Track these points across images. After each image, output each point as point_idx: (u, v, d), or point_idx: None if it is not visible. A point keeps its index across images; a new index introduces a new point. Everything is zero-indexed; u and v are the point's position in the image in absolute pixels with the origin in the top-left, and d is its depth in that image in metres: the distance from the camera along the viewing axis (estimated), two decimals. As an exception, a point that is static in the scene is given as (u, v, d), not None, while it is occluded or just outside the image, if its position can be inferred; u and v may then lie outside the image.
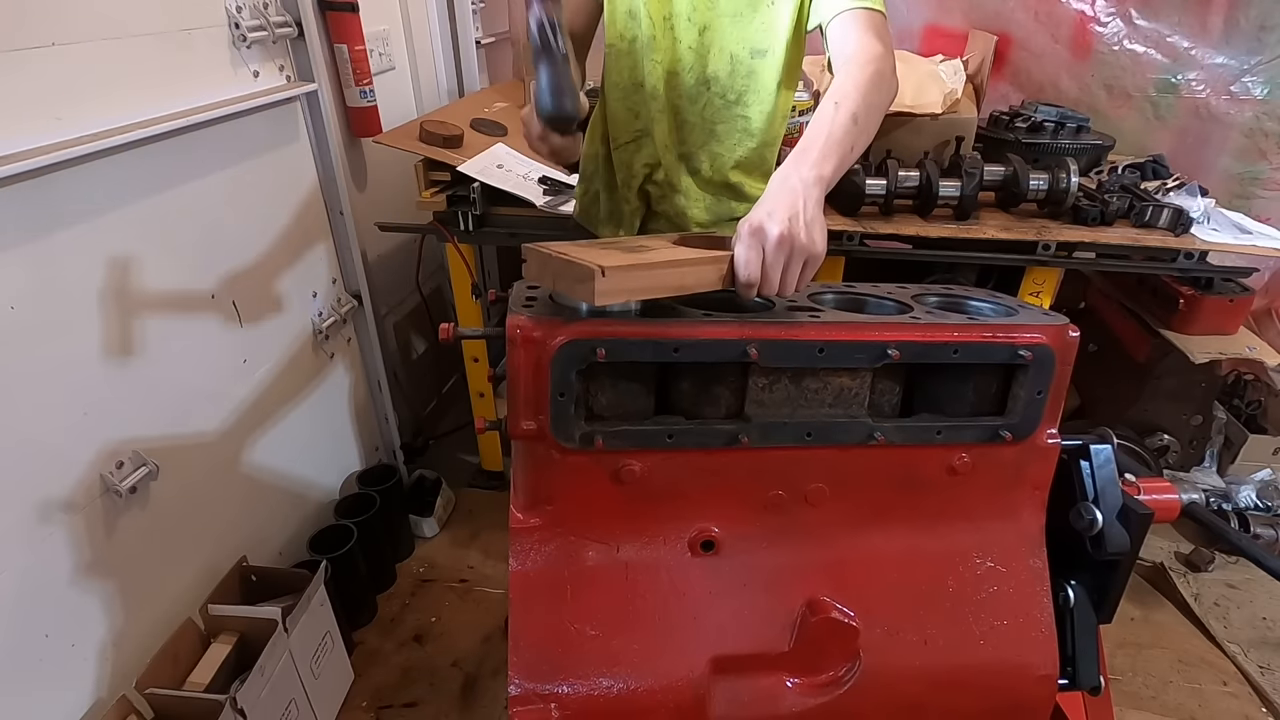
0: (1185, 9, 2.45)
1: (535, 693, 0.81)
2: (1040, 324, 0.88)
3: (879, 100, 1.04)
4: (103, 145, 1.29)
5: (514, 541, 0.85)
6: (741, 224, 0.86)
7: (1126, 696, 1.90)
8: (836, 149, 0.94)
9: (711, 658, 0.86)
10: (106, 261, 1.37)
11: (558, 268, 0.80)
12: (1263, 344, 2.15)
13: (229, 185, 1.67)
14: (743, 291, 0.85)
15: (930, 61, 2.34)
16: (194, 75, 1.54)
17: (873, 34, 1.10)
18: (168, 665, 1.46)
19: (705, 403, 0.86)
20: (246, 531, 1.81)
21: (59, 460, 1.31)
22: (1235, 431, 2.53)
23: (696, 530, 0.88)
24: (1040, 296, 2.07)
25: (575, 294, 0.77)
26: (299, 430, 1.99)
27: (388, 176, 2.35)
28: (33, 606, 1.28)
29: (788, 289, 0.86)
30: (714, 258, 0.85)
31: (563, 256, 0.79)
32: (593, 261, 0.75)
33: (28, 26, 1.19)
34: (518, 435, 0.82)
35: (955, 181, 1.95)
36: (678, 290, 0.82)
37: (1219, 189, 2.45)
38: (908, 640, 0.90)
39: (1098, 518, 0.90)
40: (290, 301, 1.91)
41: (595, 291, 0.74)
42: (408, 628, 2.04)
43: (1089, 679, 0.95)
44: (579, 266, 0.75)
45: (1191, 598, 2.18)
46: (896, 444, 0.87)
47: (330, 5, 1.91)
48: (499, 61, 3.07)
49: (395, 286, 2.51)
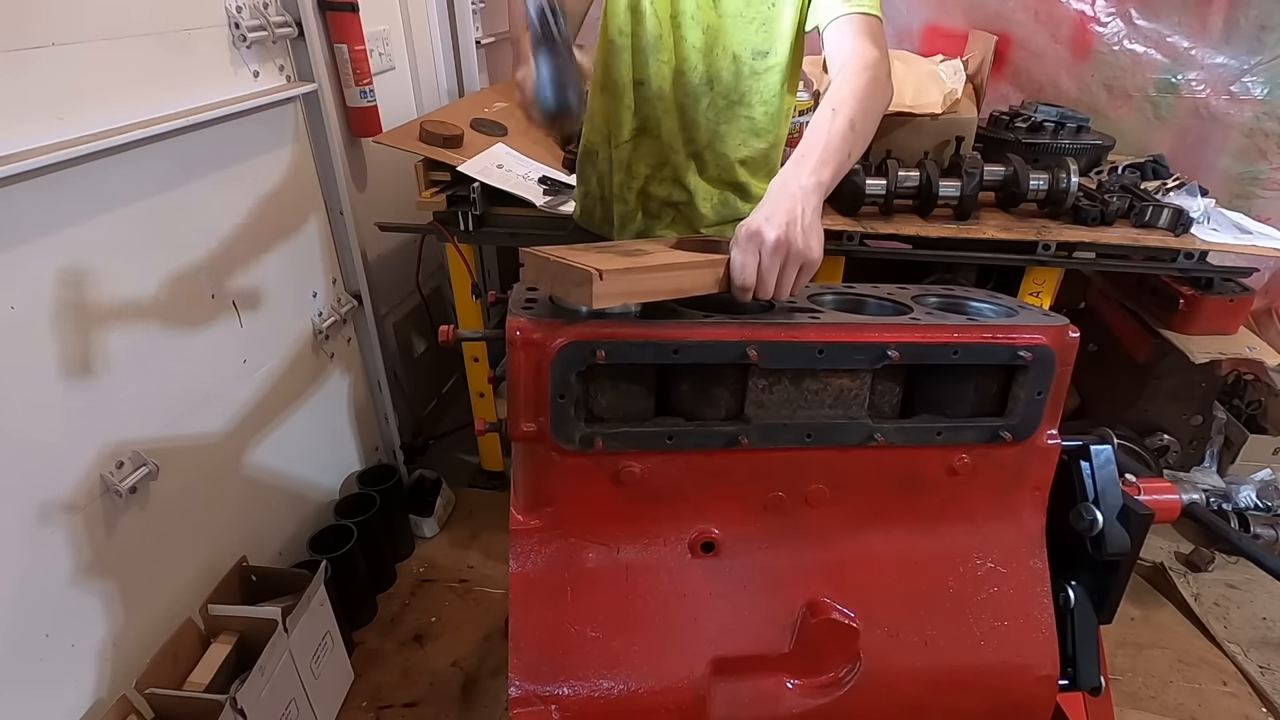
0: (1185, 9, 2.45)
1: (536, 694, 0.81)
2: (1040, 324, 0.88)
3: (875, 106, 1.05)
4: (103, 145, 1.29)
5: (514, 543, 0.85)
6: (739, 228, 0.87)
7: (1126, 696, 1.90)
8: (834, 155, 0.95)
9: (712, 659, 0.86)
10: (107, 261, 1.37)
11: (555, 271, 0.81)
12: (1263, 344, 2.15)
13: (229, 185, 1.67)
14: (738, 295, 0.86)
15: (930, 61, 2.34)
16: (194, 75, 1.54)
17: (869, 39, 1.12)
18: (168, 665, 1.46)
19: (705, 404, 0.86)
20: (246, 531, 1.81)
21: (59, 460, 1.31)
22: (1235, 431, 2.53)
23: (697, 532, 0.88)
24: (1040, 296, 2.07)
25: (573, 297, 0.78)
26: (299, 430, 1.99)
27: (387, 176, 2.35)
28: (33, 606, 1.28)
29: (783, 293, 0.86)
30: (710, 261, 0.86)
31: (560, 260, 0.80)
32: (590, 265, 0.75)
33: (28, 26, 1.19)
34: (518, 437, 0.82)
35: (955, 181, 1.95)
36: (674, 293, 0.83)
37: (1219, 189, 2.45)
38: (908, 641, 0.90)
39: (1098, 518, 0.90)
40: (290, 301, 1.91)
41: (593, 295, 0.75)
42: (408, 628, 2.04)
43: (1089, 679, 0.95)
44: (576, 270, 0.76)
45: (1191, 598, 2.18)
46: (897, 445, 0.87)
47: (330, 5, 1.91)
48: (499, 61, 3.07)
49: (395, 286, 2.51)
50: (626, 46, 1.34)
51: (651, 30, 1.31)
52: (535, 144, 2.30)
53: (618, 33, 1.34)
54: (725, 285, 0.86)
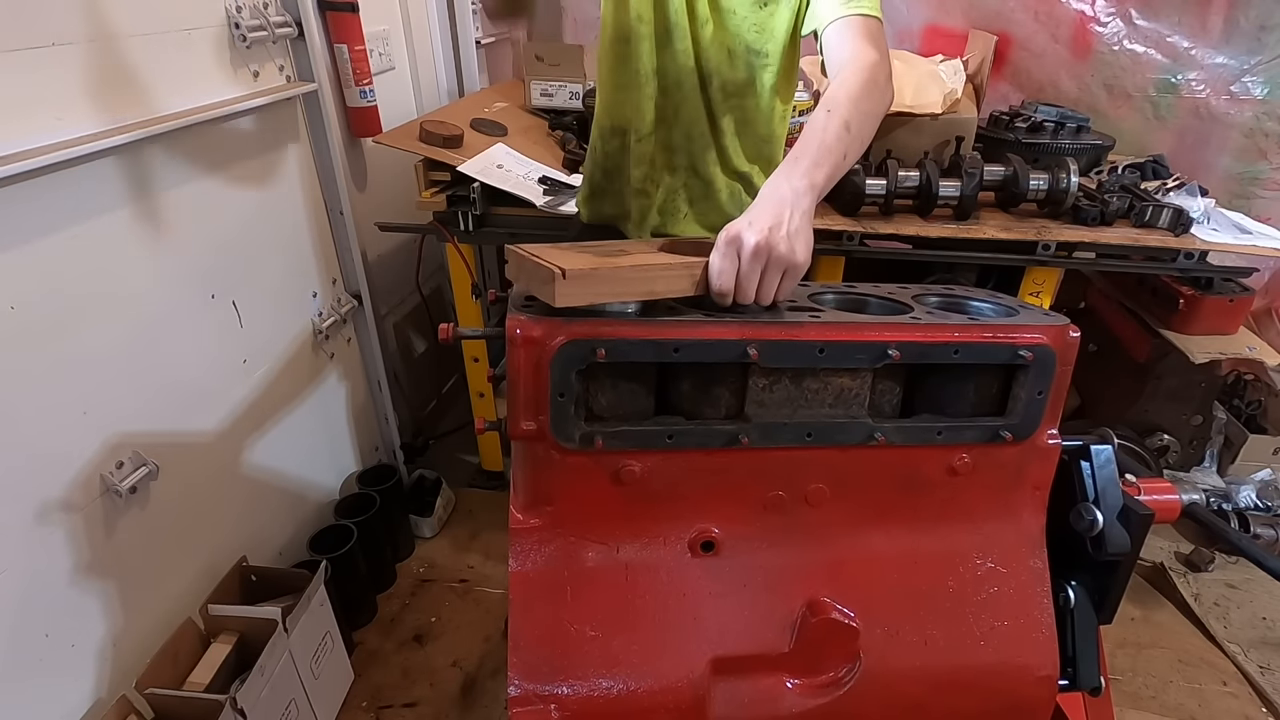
0: (1185, 9, 2.45)
1: (535, 693, 0.81)
2: (1040, 324, 0.87)
3: (872, 107, 1.04)
4: (103, 145, 1.29)
5: (514, 542, 0.85)
6: (721, 232, 0.86)
7: (1126, 696, 1.90)
8: (829, 157, 0.95)
9: (711, 658, 0.86)
10: (106, 261, 1.37)
11: (529, 269, 0.82)
12: (1263, 344, 2.15)
13: (229, 185, 1.67)
14: (717, 300, 0.85)
15: (930, 61, 2.34)
16: (194, 75, 1.54)
17: (868, 41, 1.10)
18: (168, 665, 1.46)
19: (705, 403, 0.86)
20: (246, 531, 1.81)
21: (59, 460, 1.31)
22: (1235, 431, 2.53)
23: (696, 531, 0.88)
24: (1040, 296, 2.07)
25: (542, 295, 0.80)
26: (299, 430, 1.99)
27: (387, 176, 2.35)
28: (33, 606, 1.28)
29: (764, 298, 0.86)
30: (687, 264, 0.86)
31: (533, 258, 0.81)
32: (556, 264, 0.77)
33: (28, 26, 1.19)
34: (517, 436, 0.82)
35: (955, 181, 1.95)
36: (646, 295, 0.83)
37: (1219, 189, 2.45)
38: (908, 641, 0.90)
39: (1098, 518, 0.90)
40: (290, 301, 1.91)
41: (555, 293, 0.76)
42: (408, 628, 2.04)
43: (1089, 679, 0.95)
44: (544, 268, 0.78)
45: (1191, 598, 2.18)
46: (897, 444, 0.87)
47: (330, 5, 1.91)
48: (499, 61, 3.07)
49: (395, 286, 2.51)
50: (647, 35, 1.31)
51: (671, 18, 1.29)
52: (535, 144, 2.30)
53: (637, 19, 1.30)
54: (704, 289, 0.86)
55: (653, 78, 1.35)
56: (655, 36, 1.32)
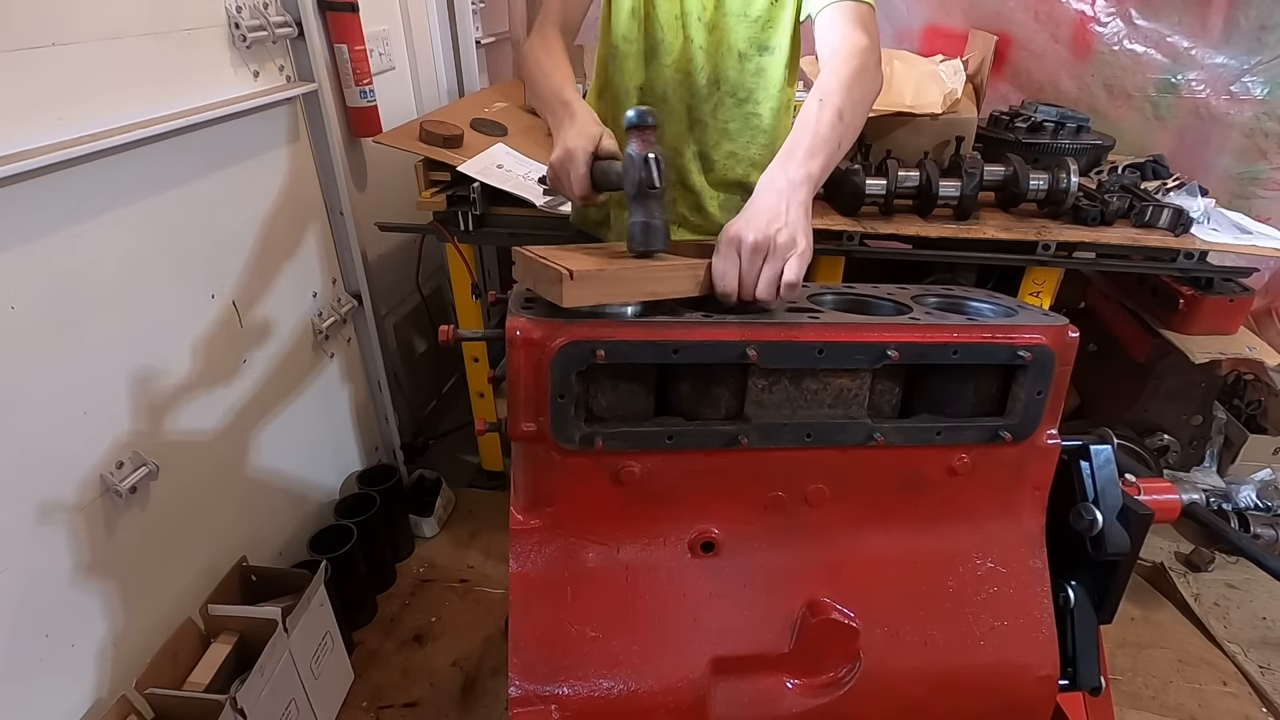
0: (1185, 9, 2.45)
1: (535, 694, 0.81)
2: (1040, 324, 0.88)
3: (863, 95, 1.04)
4: (103, 145, 1.29)
5: (514, 543, 0.85)
6: (721, 233, 0.87)
7: (1126, 696, 1.90)
8: (823, 146, 0.95)
9: (712, 659, 0.86)
10: (106, 261, 1.37)
11: (536, 270, 0.83)
12: (1263, 344, 2.15)
13: (229, 185, 1.67)
14: (722, 300, 0.86)
15: (930, 61, 2.34)
16: (194, 75, 1.54)
17: (859, 27, 1.11)
18: (168, 665, 1.46)
19: (705, 404, 0.86)
20: (246, 531, 1.81)
21: (59, 460, 1.31)
22: (1235, 431, 2.53)
23: (696, 531, 0.88)
24: (1040, 296, 2.07)
25: (549, 296, 0.80)
26: (299, 430, 1.99)
27: (387, 176, 2.35)
28: (33, 606, 1.28)
29: (767, 290, 0.86)
30: (690, 265, 0.87)
31: (540, 259, 0.82)
32: (564, 265, 0.78)
33: (28, 26, 1.19)
34: (518, 436, 0.82)
35: (955, 181, 1.95)
36: (650, 296, 0.84)
37: (1219, 189, 2.45)
38: (908, 641, 0.90)
39: (1098, 518, 0.90)
40: (290, 301, 1.91)
41: (563, 294, 0.77)
42: (408, 628, 2.04)
43: (1089, 679, 0.95)
44: (551, 269, 0.79)
45: (1191, 598, 2.18)
46: (896, 445, 0.87)
47: (330, 5, 1.91)
48: (499, 61, 3.07)
49: (395, 286, 2.51)
50: (630, 53, 1.33)
51: (657, 35, 1.31)
52: (535, 144, 2.30)
53: (622, 39, 1.33)
54: (708, 289, 0.87)
55: (633, 94, 1.36)
56: (643, 54, 1.33)
